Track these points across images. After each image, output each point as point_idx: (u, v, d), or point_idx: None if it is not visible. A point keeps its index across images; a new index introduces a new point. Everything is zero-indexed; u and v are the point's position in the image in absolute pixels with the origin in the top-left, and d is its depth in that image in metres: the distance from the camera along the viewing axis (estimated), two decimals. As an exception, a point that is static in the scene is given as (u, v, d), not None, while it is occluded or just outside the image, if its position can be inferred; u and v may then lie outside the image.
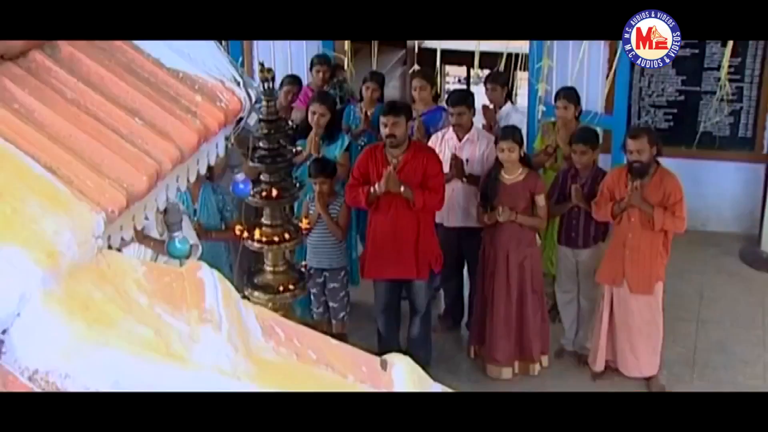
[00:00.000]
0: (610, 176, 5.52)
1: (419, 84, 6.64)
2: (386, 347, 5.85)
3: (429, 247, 5.55)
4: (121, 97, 1.72)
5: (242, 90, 2.00)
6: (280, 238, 4.60)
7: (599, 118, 6.76)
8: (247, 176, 2.78)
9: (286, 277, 4.72)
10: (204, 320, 1.37)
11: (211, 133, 1.84)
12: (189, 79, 1.89)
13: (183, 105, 1.81)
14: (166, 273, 1.42)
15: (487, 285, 5.73)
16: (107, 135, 1.62)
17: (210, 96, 1.89)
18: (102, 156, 1.57)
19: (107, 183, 1.53)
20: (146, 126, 1.69)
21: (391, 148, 5.44)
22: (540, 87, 7.05)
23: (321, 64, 7.16)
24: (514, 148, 5.44)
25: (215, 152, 2.02)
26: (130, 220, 1.66)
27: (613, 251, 5.50)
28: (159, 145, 1.68)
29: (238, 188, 2.73)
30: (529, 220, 5.54)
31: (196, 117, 1.80)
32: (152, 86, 1.80)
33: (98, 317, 1.27)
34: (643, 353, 5.56)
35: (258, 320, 1.47)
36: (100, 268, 1.35)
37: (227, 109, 1.91)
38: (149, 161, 1.64)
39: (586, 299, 5.91)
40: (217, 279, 1.43)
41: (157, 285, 1.38)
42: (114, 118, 1.66)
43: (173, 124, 1.74)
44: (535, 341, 5.77)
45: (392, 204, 5.43)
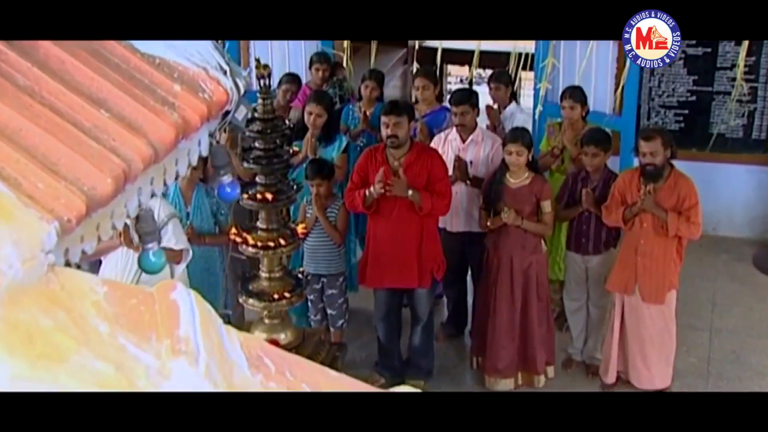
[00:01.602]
0: (622, 179, 5.31)
1: (422, 83, 6.40)
2: (386, 356, 5.66)
3: (432, 254, 5.32)
4: (84, 85, 1.48)
5: (229, 79, 1.76)
6: (276, 243, 4.38)
7: (607, 119, 6.54)
8: (235, 179, 2.52)
9: (282, 283, 4.51)
10: (177, 351, 1.14)
11: (191, 128, 1.61)
12: (167, 66, 1.65)
13: (159, 95, 1.57)
14: (133, 294, 1.18)
15: (489, 292, 5.51)
16: (66, 129, 1.38)
17: (191, 85, 1.65)
18: (58, 154, 1.33)
19: (63, 186, 1.28)
20: (114, 119, 1.45)
21: (392, 150, 5.21)
22: (542, 86, 6.83)
23: (321, 62, 6.95)
24: (523, 152, 5.22)
25: (197, 150, 1.78)
26: (94, 230, 1.42)
27: (624, 258, 5.28)
28: (129, 142, 1.44)
29: (225, 192, 2.47)
30: (535, 226, 5.31)
31: (174, 109, 1.56)
32: (123, 73, 1.56)
33: (45, 350, 1.04)
34: (656, 364, 5.34)
35: (243, 350, 1.23)
36: (50, 290, 1.11)
37: (211, 101, 1.67)
38: (116, 160, 1.40)
39: (596, 307, 5.70)
40: (194, 301, 1.19)
41: (121, 309, 1.14)
42: (75, 109, 1.42)
43: (146, 118, 1.50)
44: (540, 351, 5.54)
45: (394, 208, 5.20)
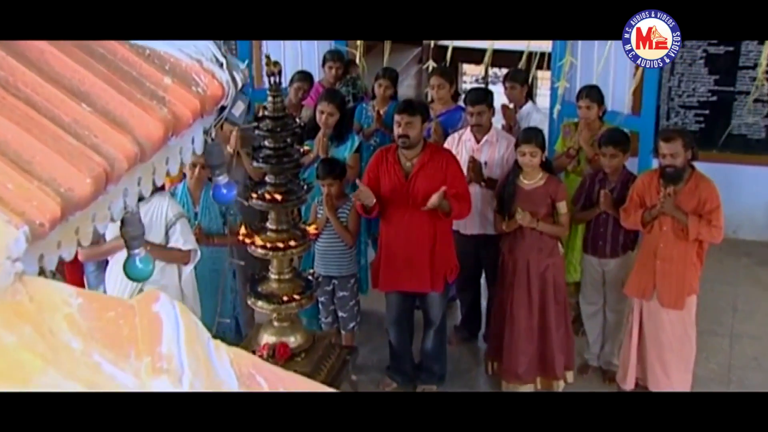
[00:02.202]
0: (641, 181, 5.17)
1: (437, 82, 6.27)
2: (398, 360, 5.55)
3: (445, 258, 5.20)
4: (65, 76, 1.37)
5: (225, 72, 1.65)
6: (285, 244, 4.29)
7: (625, 119, 6.40)
8: (231, 180, 2.39)
9: (291, 285, 4.42)
10: (159, 370, 1.03)
11: (182, 124, 1.50)
12: (157, 58, 1.54)
13: (147, 89, 1.46)
14: (111, 306, 1.07)
15: (506, 296, 5.38)
16: (41, 124, 1.27)
17: (183, 78, 1.54)
18: (32, 151, 1.22)
19: (36, 186, 1.17)
20: (96, 114, 1.34)
21: (404, 150, 5.09)
22: (560, 85, 6.70)
23: (334, 60, 6.85)
24: (536, 152, 5.10)
25: (190, 148, 1.67)
26: (72, 234, 1.31)
27: (642, 262, 5.14)
28: (112, 139, 1.33)
29: (220, 193, 2.33)
30: (550, 228, 5.18)
31: (164, 104, 1.45)
32: (109, 65, 1.45)
33: (8, 370, 0.93)
34: (675, 371, 5.19)
35: (233, 367, 1.12)
36: (16, 302, 1.00)
37: (205, 96, 1.56)
38: (97, 159, 1.29)
39: (613, 312, 5.57)
40: (179, 314, 1.08)
41: (97, 323, 1.03)
42: (53, 103, 1.31)
43: (132, 113, 1.39)
44: (559, 355, 5.40)
45: (406, 211, 5.08)
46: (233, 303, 5.25)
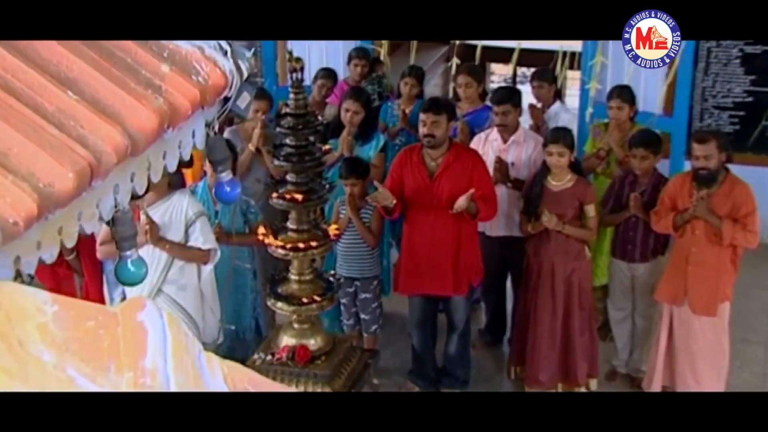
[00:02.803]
0: (672, 184, 5.03)
1: (465, 81, 6.14)
2: (421, 364, 5.45)
3: (470, 261, 5.09)
4: (51, 62, 1.28)
5: (229, 61, 1.54)
6: (306, 245, 4.20)
7: (657, 120, 6.24)
8: (235, 177, 2.25)
9: (312, 286, 4.33)
10: (141, 386, 0.93)
11: (179, 116, 1.39)
12: (155, 44, 1.44)
13: (143, 77, 1.36)
14: (91, 315, 0.97)
15: (529, 300, 5.26)
16: (21, 113, 1.17)
17: (182, 66, 1.44)
18: (9, 142, 1.12)
19: (11, 181, 1.08)
20: (84, 103, 1.24)
21: (429, 150, 4.98)
22: (591, 86, 6.55)
23: (360, 58, 6.76)
24: (565, 153, 4.97)
25: (191, 142, 1.56)
26: (55, 234, 1.21)
27: (674, 267, 4.99)
28: (100, 130, 1.22)
29: (223, 191, 2.19)
30: (578, 231, 5.05)
31: (160, 93, 1.35)
32: (101, 51, 1.35)
33: (-32, 384, 0.83)
34: (707, 379, 5.03)
35: (227, 383, 1.02)
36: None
37: (206, 85, 1.46)
38: (81, 151, 1.19)
39: (642, 318, 5.44)
40: (167, 324, 0.98)
41: (74, 333, 0.93)
42: (36, 90, 1.21)
43: (124, 102, 1.29)
44: (582, 363, 5.27)
45: (430, 213, 4.97)
46: (253, 303, 5.17)
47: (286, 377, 4.27)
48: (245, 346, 5.06)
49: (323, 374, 4.23)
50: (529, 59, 8.13)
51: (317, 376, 4.24)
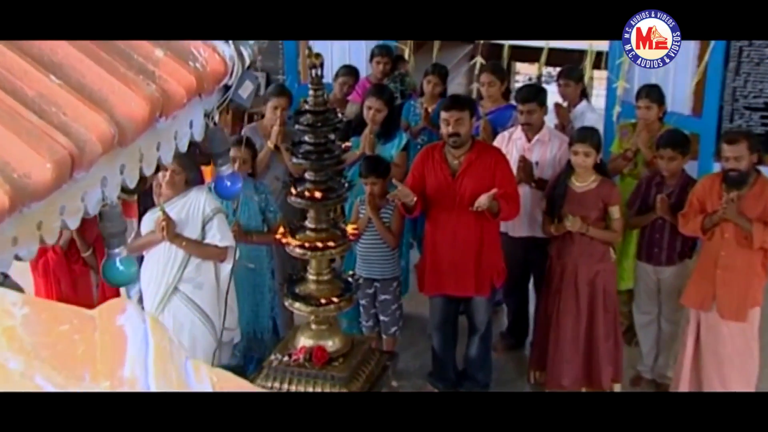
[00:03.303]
0: (701, 185, 4.90)
1: (488, 79, 6.05)
2: (441, 367, 5.37)
3: (492, 261, 4.99)
4: (33, 44, 1.19)
5: (230, 47, 1.45)
6: (324, 244, 4.11)
7: (686, 120, 6.10)
8: (236, 171, 2.14)
9: (330, 287, 4.24)
10: (120, 396, 0.84)
11: (174, 104, 1.31)
12: (152, 29, 1.36)
13: (135, 61, 1.28)
14: (66, 318, 0.89)
15: (552, 303, 5.15)
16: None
17: (179, 52, 1.35)
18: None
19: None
20: (68, 88, 1.16)
21: (451, 148, 4.88)
22: (619, 85, 6.43)
23: (382, 56, 6.68)
24: (591, 153, 4.86)
25: (188, 133, 1.47)
26: (33, 229, 1.12)
27: (701, 271, 4.86)
28: (84, 117, 1.14)
29: (223, 186, 2.08)
30: (602, 233, 4.93)
31: (153, 79, 1.27)
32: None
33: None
34: (736, 386, 4.90)
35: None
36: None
37: (204, 72, 1.37)
38: (62, 140, 1.10)
39: (668, 322, 5.32)
40: (149, 329, 0.90)
41: (46, 338, 0.85)
42: (15, 73, 1.12)
43: (113, 88, 1.20)
44: (606, 367, 5.16)
45: (452, 212, 4.88)
46: (271, 303, 5.10)
47: (303, 379, 4.19)
48: (263, 346, 5.00)
49: (341, 376, 4.15)
50: (556, 58, 8.01)
51: (334, 378, 4.16)
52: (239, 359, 5.08)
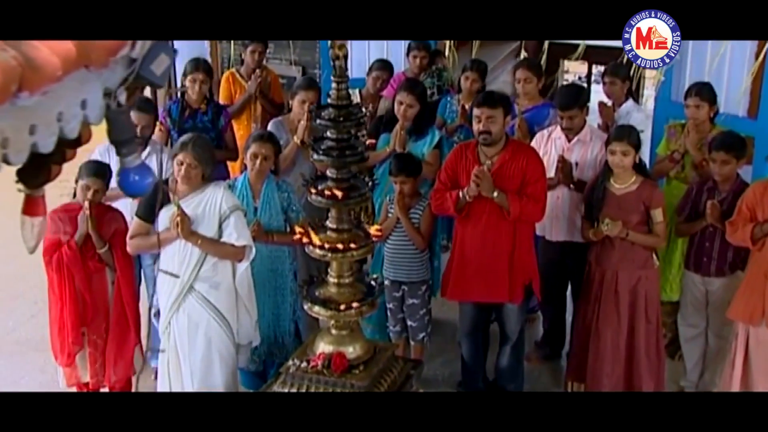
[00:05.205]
0: (752, 192, 4.60)
1: (524, 75, 5.74)
2: (470, 377, 5.14)
3: (525, 266, 4.72)
4: None
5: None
6: (345, 246, 3.89)
7: (740, 122, 5.75)
8: (144, 164, 1.81)
9: (352, 290, 4.02)
10: None
11: (43, 77, 1.04)
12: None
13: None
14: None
15: (591, 311, 4.88)
16: None
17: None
18: None
19: None
20: None
21: (484, 147, 4.63)
22: (655, 78, 6.16)
23: (419, 50, 6.48)
24: (629, 152, 4.57)
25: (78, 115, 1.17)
26: None
27: (751, 283, 4.55)
28: None
29: (129, 180, 1.75)
30: (643, 238, 4.64)
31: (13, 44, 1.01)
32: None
33: None
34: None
35: None
36: None
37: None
38: None
39: (716, 336, 5.03)
40: None
41: None
42: None
43: None
44: (647, 381, 4.87)
45: (484, 212, 4.63)
46: (293, 306, 4.89)
47: (321, 386, 3.98)
48: (284, 351, 4.80)
49: (360, 384, 3.93)
50: (603, 56, 7.69)
51: (354, 386, 3.94)
52: (259, 364, 4.89)
